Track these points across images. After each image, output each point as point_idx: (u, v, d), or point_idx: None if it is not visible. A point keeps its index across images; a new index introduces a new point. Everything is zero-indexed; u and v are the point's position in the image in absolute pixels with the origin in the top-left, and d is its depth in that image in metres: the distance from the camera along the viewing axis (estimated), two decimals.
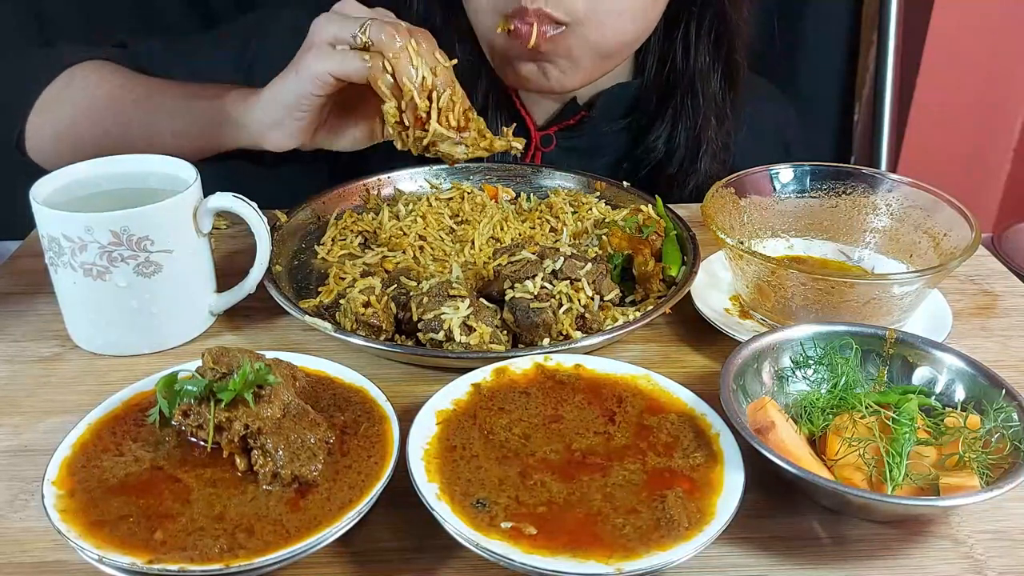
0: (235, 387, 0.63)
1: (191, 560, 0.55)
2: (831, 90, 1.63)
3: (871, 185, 0.94)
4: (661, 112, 1.16)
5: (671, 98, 1.15)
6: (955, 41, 1.76)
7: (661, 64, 1.15)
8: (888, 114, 1.61)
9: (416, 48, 0.86)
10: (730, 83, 1.15)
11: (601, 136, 1.18)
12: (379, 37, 0.84)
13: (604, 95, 1.16)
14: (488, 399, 0.70)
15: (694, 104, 1.14)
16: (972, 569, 0.62)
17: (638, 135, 1.18)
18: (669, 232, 0.96)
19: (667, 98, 1.16)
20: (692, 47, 1.12)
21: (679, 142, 1.15)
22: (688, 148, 1.15)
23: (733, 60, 1.14)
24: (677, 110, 1.15)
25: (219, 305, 0.87)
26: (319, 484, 0.62)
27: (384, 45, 0.85)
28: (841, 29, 1.59)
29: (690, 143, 1.15)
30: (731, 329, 0.84)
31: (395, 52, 0.85)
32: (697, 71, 1.13)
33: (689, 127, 1.15)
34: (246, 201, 0.82)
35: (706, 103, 1.14)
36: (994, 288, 0.97)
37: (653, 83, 1.16)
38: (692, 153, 1.15)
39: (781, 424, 0.66)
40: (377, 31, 0.85)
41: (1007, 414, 0.66)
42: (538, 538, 0.57)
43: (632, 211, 1.02)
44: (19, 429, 0.74)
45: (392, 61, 0.85)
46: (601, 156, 1.19)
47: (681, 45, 1.13)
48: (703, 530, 0.58)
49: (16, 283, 0.94)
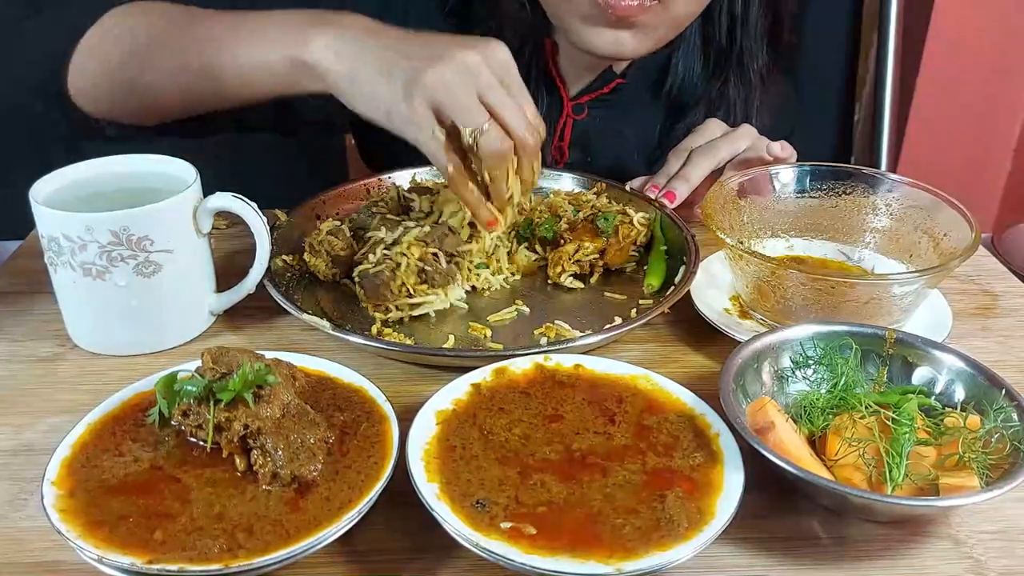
0: (235, 387, 0.63)
1: (191, 560, 0.55)
2: (831, 91, 1.63)
3: (871, 185, 0.94)
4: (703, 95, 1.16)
5: (714, 80, 1.15)
6: (955, 41, 1.76)
7: (705, 42, 1.14)
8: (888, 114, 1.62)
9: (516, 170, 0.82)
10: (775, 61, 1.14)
11: (635, 110, 1.18)
12: (487, 154, 0.79)
13: (638, 63, 1.15)
14: (488, 399, 0.70)
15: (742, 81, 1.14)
16: (972, 569, 0.62)
17: (671, 111, 1.18)
18: (658, 245, 0.97)
19: (710, 81, 1.15)
20: (740, 22, 1.11)
21: None
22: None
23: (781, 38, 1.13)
24: (719, 92, 1.14)
25: (219, 305, 0.87)
26: (319, 484, 0.62)
27: (486, 163, 0.80)
28: (841, 29, 1.59)
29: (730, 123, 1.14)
30: (731, 329, 0.83)
31: (493, 175, 0.81)
32: (746, 49, 1.12)
33: (732, 107, 1.14)
34: (246, 201, 0.82)
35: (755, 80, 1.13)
36: (994, 288, 0.97)
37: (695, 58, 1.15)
38: None
39: (781, 424, 0.66)
40: (489, 147, 0.79)
41: (1007, 414, 0.66)
42: (538, 538, 0.57)
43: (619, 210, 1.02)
44: (19, 429, 0.74)
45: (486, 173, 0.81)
46: (633, 128, 1.18)
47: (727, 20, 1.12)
48: (703, 530, 0.58)
49: (16, 283, 0.94)
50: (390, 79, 0.79)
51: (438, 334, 0.86)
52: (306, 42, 0.82)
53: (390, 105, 0.79)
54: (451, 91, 0.78)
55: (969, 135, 1.90)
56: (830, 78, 1.62)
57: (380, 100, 0.80)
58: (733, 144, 1.01)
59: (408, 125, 0.79)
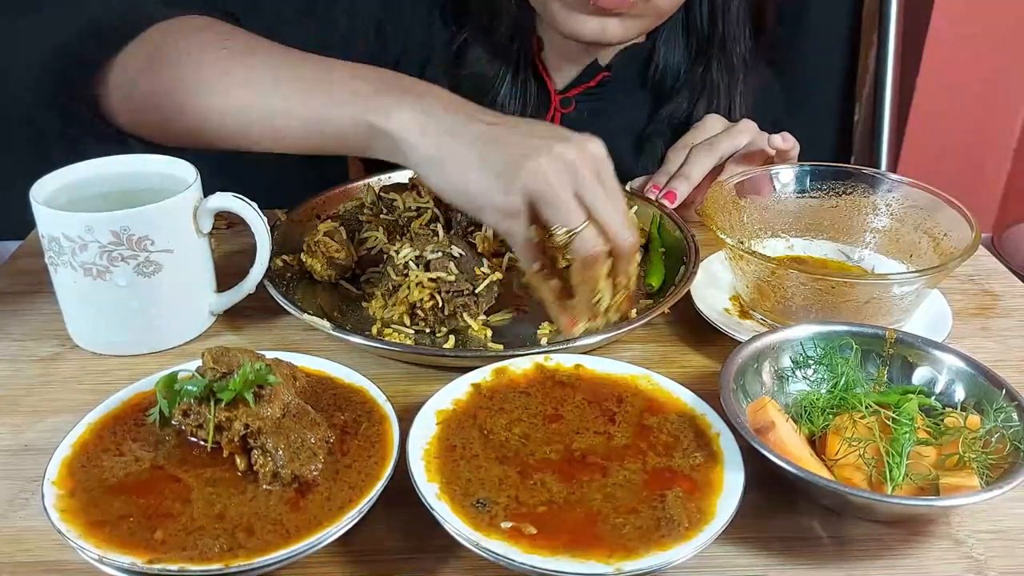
0: (235, 387, 0.63)
1: (191, 560, 0.55)
2: (831, 90, 1.63)
3: (871, 185, 0.94)
4: (685, 80, 1.16)
5: (696, 66, 1.15)
6: (955, 41, 1.76)
7: (687, 32, 1.15)
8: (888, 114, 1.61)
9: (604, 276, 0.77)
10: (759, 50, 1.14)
11: (621, 101, 1.18)
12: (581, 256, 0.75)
13: (623, 54, 1.16)
14: (488, 399, 0.70)
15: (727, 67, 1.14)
16: (972, 569, 0.62)
17: (659, 102, 1.18)
18: (656, 246, 0.97)
19: (692, 66, 1.16)
20: (720, 8, 1.12)
21: (700, 114, 1.14)
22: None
23: (764, 24, 1.13)
24: (701, 77, 1.15)
25: (219, 305, 0.87)
26: (319, 484, 0.62)
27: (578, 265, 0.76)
28: (841, 29, 1.59)
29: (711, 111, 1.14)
30: (731, 329, 0.83)
31: (585, 277, 0.76)
32: (728, 34, 1.12)
33: (716, 95, 1.14)
34: (246, 201, 0.83)
35: (729, 72, 1.14)
36: (994, 288, 0.97)
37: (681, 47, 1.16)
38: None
39: (781, 424, 0.66)
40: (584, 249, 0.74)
41: (1007, 414, 0.66)
42: (538, 538, 0.57)
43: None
44: (19, 429, 0.74)
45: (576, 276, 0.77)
46: (620, 119, 1.18)
47: (708, 9, 1.12)
48: (703, 530, 0.58)
49: (16, 283, 0.94)
50: (482, 169, 0.75)
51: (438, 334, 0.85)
52: (387, 110, 0.77)
53: (481, 196, 0.75)
54: (551, 187, 0.73)
55: (969, 135, 1.90)
56: (830, 78, 1.62)
57: (471, 188, 0.76)
58: (734, 139, 1.01)
59: (502, 219, 0.75)
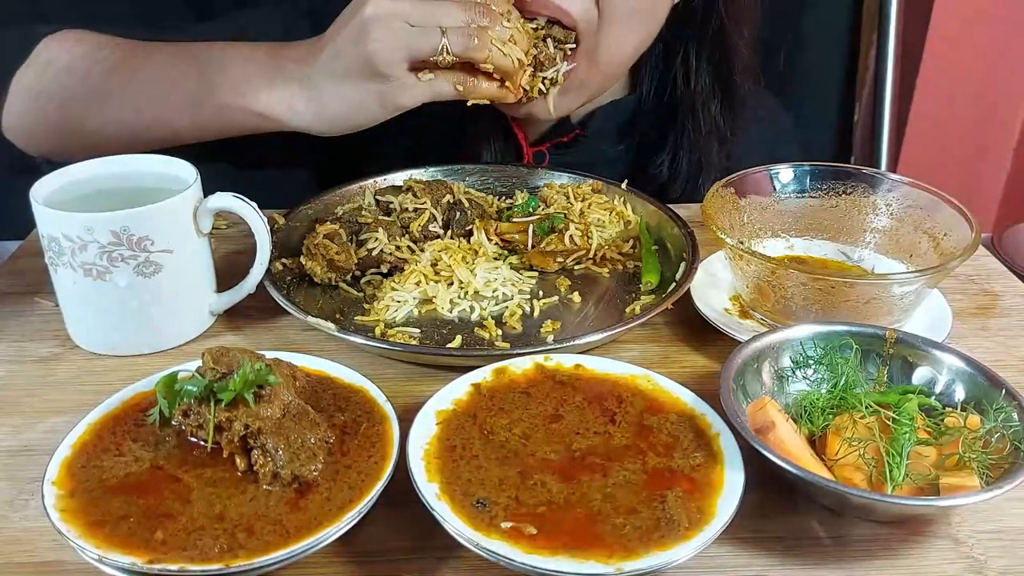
0: (235, 387, 0.63)
1: (191, 560, 0.55)
2: (831, 90, 1.63)
3: (871, 185, 0.94)
4: (663, 138, 1.15)
5: (672, 123, 1.14)
6: (955, 41, 1.76)
7: (661, 89, 1.14)
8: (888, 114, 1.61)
9: (502, 39, 0.81)
10: (731, 105, 1.14)
11: (597, 154, 1.17)
12: (465, 51, 0.79)
13: (598, 113, 1.14)
14: (488, 399, 0.70)
15: (695, 128, 1.13)
16: (972, 569, 0.62)
17: (637, 157, 1.17)
18: (647, 244, 0.98)
19: (668, 123, 1.15)
20: (692, 71, 1.11)
21: (682, 167, 1.15)
22: (691, 172, 1.15)
23: (734, 83, 1.12)
24: (679, 135, 1.14)
25: (219, 305, 0.87)
26: (319, 484, 0.62)
27: (473, 56, 0.80)
28: (841, 29, 1.59)
29: (692, 167, 1.15)
30: (731, 329, 0.83)
31: (487, 58, 0.81)
32: (698, 95, 1.12)
33: (692, 152, 1.14)
34: (246, 201, 0.82)
35: (707, 127, 1.13)
36: (994, 288, 0.97)
37: (652, 106, 1.15)
38: (694, 177, 1.15)
39: (781, 424, 0.66)
40: (461, 45, 0.79)
41: (1007, 414, 0.66)
42: (538, 538, 0.57)
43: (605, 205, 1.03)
44: (19, 429, 0.74)
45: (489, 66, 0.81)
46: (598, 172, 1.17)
47: (681, 70, 1.12)
48: (703, 530, 0.58)
49: (16, 283, 0.94)
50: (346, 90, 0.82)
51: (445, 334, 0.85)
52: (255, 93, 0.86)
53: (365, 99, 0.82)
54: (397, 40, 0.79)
55: (969, 135, 1.90)
56: (830, 78, 1.62)
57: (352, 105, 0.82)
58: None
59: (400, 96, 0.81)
